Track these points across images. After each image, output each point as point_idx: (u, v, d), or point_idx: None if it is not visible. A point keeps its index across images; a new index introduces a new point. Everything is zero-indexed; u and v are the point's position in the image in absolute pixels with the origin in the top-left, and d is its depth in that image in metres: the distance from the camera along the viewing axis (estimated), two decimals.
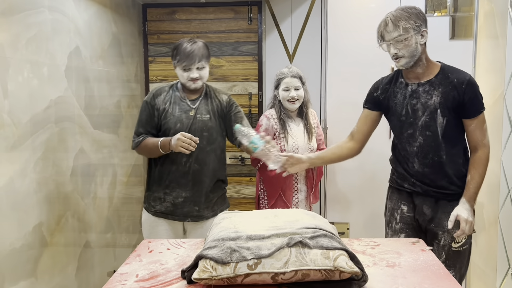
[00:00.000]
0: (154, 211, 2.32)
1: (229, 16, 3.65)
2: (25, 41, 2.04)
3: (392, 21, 1.94)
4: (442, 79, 1.97)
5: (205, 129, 2.27)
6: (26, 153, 2.05)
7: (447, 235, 1.99)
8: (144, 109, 2.29)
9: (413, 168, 2.05)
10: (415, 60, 1.97)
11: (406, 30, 1.91)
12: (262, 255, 1.39)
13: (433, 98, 1.97)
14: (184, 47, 2.19)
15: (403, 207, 2.13)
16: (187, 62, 2.18)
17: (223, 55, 3.67)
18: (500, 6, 2.46)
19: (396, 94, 2.08)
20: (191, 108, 2.27)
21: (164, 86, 2.34)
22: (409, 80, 2.06)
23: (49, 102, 2.24)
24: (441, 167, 2.00)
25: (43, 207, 2.19)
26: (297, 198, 2.65)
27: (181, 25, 3.67)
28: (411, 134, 2.03)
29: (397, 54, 1.96)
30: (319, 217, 1.67)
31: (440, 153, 1.99)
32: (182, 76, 2.23)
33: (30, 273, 2.08)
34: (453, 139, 2.00)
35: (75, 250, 2.53)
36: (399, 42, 1.94)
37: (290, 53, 3.56)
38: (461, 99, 1.92)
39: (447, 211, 1.97)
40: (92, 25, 2.77)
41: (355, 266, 1.42)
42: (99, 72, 2.85)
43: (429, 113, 1.98)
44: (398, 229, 2.16)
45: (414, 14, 1.93)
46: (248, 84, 3.68)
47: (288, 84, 2.57)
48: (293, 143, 2.58)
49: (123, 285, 1.53)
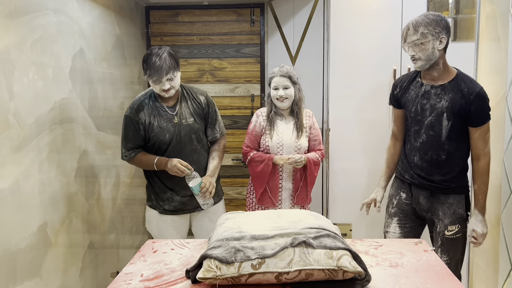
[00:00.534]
0: (162, 209, 2.48)
1: (232, 18, 3.67)
2: (30, 43, 2.06)
3: (413, 25, 2.10)
4: (454, 86, 2.11)
5: (192, 131, 2.43)
6: (31, 154, 2.07)
7: (441, 223, 2.20)
8: (129, 124, 2.38)
9: (414, 161, 2.24)
10: (431, 63, 2.12)
11: (424, 35, 2.06)
12: (266, 255, 1.41)
13: (442, 102, 2.12)
14: (152, 61, 2.26)
15: (402, 194, 2.34)
16: (157, 77, 2.26)
17: (225, 57, 3.69)
18: (502, 8, 2.47)
19: (411, 91, 2.25)
20: (172, 115, 2.39)
21: (143, 99, 2.40)
22: (425, 80, 2.21)
23: (53, 103, 2.26)
24: (438, 165, 2.17)
25: (47, 208, 2.20)
26: (281, 195, 2.69)
27: (184, 27, 3.69)
28: (417, 131, 2.21)
29: (414, 56, 2.12)
30: (322, 218, 1.68)
31: (439, 152, 2.15)
32: (155, 88, 2.33)
33: (35, 273, 2.09)
34: (456, 142, 2.14)
35: (79, 250, 2.54)
36: (416, 45, 2.09)
37: (293, 55, 3.57)
38: (467, 108, 2.06)
39: (441, 202, 2.20)
40: (96, 27, 2.79)
41: (358, 266, 1.43)
42: (103, 74, 2.87)
43: (435, 115, 2.14)
44: (392, 213, 2.38)
45: (435, 21, 2.07)
46: (250, 86, 3.69)
47: (277, 83, 2.62)
48: (277, 140, 2.64)
49: (128, 285, 1.54)
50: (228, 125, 3.71)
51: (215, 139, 2.56)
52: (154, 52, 2.29)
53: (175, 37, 3.70)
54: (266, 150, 2.68)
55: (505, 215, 2.38)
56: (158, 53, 2.27)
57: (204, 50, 3.69)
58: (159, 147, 2.39)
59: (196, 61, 3.70)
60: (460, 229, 2.19)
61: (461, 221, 2.20)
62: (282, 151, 2.65)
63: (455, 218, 2.19)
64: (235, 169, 3.73)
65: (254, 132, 2.71)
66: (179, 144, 2.40)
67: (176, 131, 2.38)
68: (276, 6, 3.59)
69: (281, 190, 2.70)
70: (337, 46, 2.92)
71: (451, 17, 2.81)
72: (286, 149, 2.65)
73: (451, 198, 2.20)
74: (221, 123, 2.59)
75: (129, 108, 2.39)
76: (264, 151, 2.69)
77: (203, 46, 3.69)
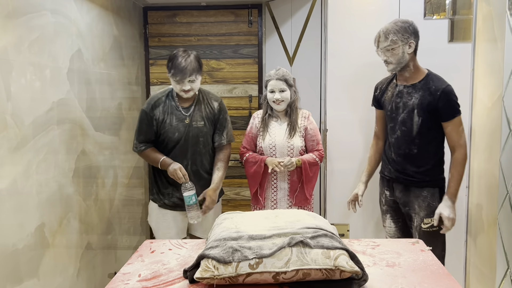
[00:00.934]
0: (162, 203, 2.60)
1: (230, 19, 3.67)
2: (28, 43, 2.06)
3: (383, 33, 2.32)
4: (424, 85, 2.33)
5: (200, 135, 2.55)
6: (29, 154, 2.07)
7: (417, 217, 2.35)
8: (144, 118, 2.51)
9: (392, 156, 2.44)
10: (402, 66, 2.34)
11: (394, 41, 2.29)
12: (264, 255, 1.41)
13: (413, 99, 2.33)
14: (178, 62, 2.39)
15: (386, 192, 2.53)
16: (180, 77, 2.39)
17: (223, 58, 3.69)
18: (498, 9, 2.48)
19: (388, 92, 2.47)
20: (185, 116, 2.52)
21: (161, 96, 2.54)
22: (399, 81, 2.43)
23: (51, 104, 2.26)
24: (411, 158, 2.36)
25: (45, 209, 2.20)
26: (275, 195, 2.71)
27: (181, 28, 3.69)
28: (392, 127, 2.42)
29: (386, 60, 2.35)
30: (319, 218, 1.69)
31: (411, 147, 2.35)
32: (175, 87, 2.46)
33: (32, 274, 2.09)
34: (427, 137, 2.33)
35: (77, 251, 2.54)
36: (388, 50, 2.32)
37: (290, 56, 3.58)
38: (435, 104, 2.27)
39: (417, 195, 2.36)
40: (94, 28, 2.79)
41: (355, 265, 1.43)
42: (100, 74, 2.87)
43: (407, 112, 2.34)
44: (384, 210, 2.58)
45: (403, 28, 2.29)
46: (248, 86, 3.70)
47: (273, 86, 2.66)
48: (270, 141, 2.69)
49: (126, 285, 1.54)
50: None
51: (221, 145, 2.64)
52: (180, 53, 2.42)
53: (173, 38, 3.70)
54: (260, 151, 2.74)
55: (501, 215, 2.39)
56: (184, 55, 2.41)
57: (202, 50, 3.70)
58: (167, 143, 2.52)
59: None
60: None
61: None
62: (275, 152, 2.68)
63: (430, 211, 2.33)
64: (233, 169, 3.73)
65: (250, 134, 2.78)
66: (186, 144, 2.52)
67: (185, 131, 2.50)
68: (274, 7, 3.60)
69: (276, 190, 2.72)
70: (335, 47, 2.93)
71: (448, 18, 2.82)
72: (279, 149, 2.67)
73: (425, 191, 2.35)
74: (230, 131, 2.68)
75: (147, 103, 2.53)
76: (259, 152, 2.74)
77: (201, 47, 3.70)
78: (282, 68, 2.70)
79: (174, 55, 2.44)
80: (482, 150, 2.70)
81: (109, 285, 1.55)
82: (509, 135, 2.35)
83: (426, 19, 2.82)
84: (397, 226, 2.54)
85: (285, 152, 2.67)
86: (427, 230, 2.32)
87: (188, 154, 2.53)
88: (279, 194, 2.71)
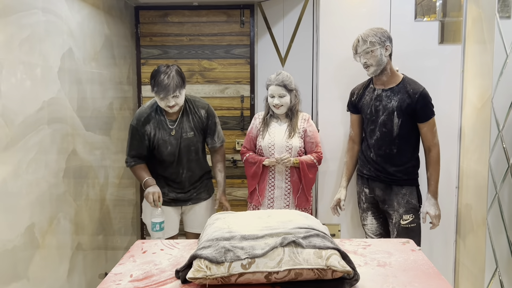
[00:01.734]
0: None
1: (222, 19, 3.67)
2: (19, 42, 2.04)
3: (362, 37, 2.46)
4: (401, 88, 2.47)
5: (191, 144, 2.63)
6: (19, 154, 2.05)
7: (396, 214, 2.48)
8: (135, 134, 2.58)
9: (370, 157, 2.55)
10: (381, 68, 2.47)
11: (372, 43, 2.42)
12: (256, 255, 1.41)
13: (392, 102, 2.46)
14: (161, 79, 2.42)
15: (365, 189, 2.63)
16: (164, 94, 2.42)
17: (215, 58, 3.69)
18: (487, 11, 2.51)
19: (366, 96, 2.59)
20: (173, 129, 2.58)
21: (149, 112, 2.58)
22: (377, 86, 2.55)
23: (42, 103, 2.24)
24: (391, 158, 2.48)
25: (35, 209, 2.18)
26: (273, 193, 2.76)
27: (173, 28, 3.68)
28: (372, 130, 2.53)
29: (366, 63, 2.46)
30: (311, 218, 1.70)
31: (391, 147, 2.47)
32: (160, 103, 2.49)
33: (22, 275, 2.07)
34: (406, 138, 2.47)
35: (67, 252, 2.52)
36: (367, 53, 2.44)
37: (282, 56, 3.59)
38: (413, 106, 2.41)
39: (396, 193, 2.49)
40: (85, 27, 2.78)
41: (347, 265, 1.44)
42: (91, 73, 2.86)
43: (387, 114, 2.47)
44: (365, 208, 2.68)
45: (380, 32, 2.45)
46: (240, 86, 3.70)
47: (273, 91, 2.73)
48: (269, 140, 2.75)
49: (118, 285, 1.54)
50: None
51: (215, 148, 2.78)
52: (162, 70, 2.45)
53: (165, 38, 3.69)
54: (260, 151, 2.79)
55: (490, 216, 2.42)
56: (167, 72, 2.43)
57: (194, 50, 3.69)
58: (161, 157, 2.61)
59: (186, 61, 3.69)
60: (414, 219, 2.48)
61: (415, 211, 2.49)
62: (274, 151, 2.73)
63: (409, 208, 2.47)
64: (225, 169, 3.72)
65: (251, 134, 2.86)
66: (180, 155, 2.62)
67: (177, 144, 2.59)
68: (266, 7, 3.61)
69: (273, 189, 2.77)
70: (327, 48, 2.94)
71: (439, 20, 2.84)
72: (278, 148, 2.73)
73: (404, 189, 2.49)
74: (220, 133, 2.78)
75: (136, 119, 2.57)
76: (259, 152, 2.80)
77: (192, 47, 3.69)
78: (283, 73, 2.76)
79: (156, 72, 2.47)
80: (471, 151, 2.73)
81: (100, 286, 1.55)
82: (498, 136, 2.38)
83: (417, 21, 2.85)
84: (379, 222, 2.65)
85: (283, 151, 2.73)
86: (406, 226, 2.46)
87: (183, 163, 2.64)
88: (276, 193, 2.76)
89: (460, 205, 2.88)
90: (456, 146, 2.88)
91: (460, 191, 2.88)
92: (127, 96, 3.53)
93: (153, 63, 3.69)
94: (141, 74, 3.72)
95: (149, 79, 2.50)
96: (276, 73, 2.76)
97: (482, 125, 2.58)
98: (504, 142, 2.35)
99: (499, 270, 2.40)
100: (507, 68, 2.32)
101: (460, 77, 2.84)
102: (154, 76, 2.46)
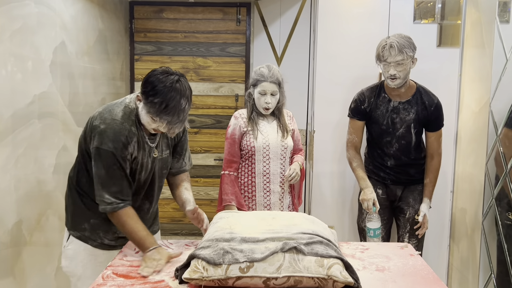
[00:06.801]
0: (98, 243, 1.90)
1: (218, 17, 3.62)
2: (10, 33, 1.98)
3: (397, 46, 2.27)
4: (417, 100, 2.46)
5: (164, 166, 1.97)
6: (7, 149, 1.99)
7: (411, 209, 2.55)
8: (113, 163, 1.74)
9: (388, 164, 2.55)
10: (405, 81, 2.40)
11: (408, 56, 2.30)
12: (255, 259, 1.37)
13: (410, 115, 2.46)
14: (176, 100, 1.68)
15: (378, 190, 2.59)
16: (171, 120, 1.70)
17: (210, 56, 3.64)
18: (487, 15, 2.50)
19: (380, 106, 2.50)
20: (152, 148, 1.87)
21: (129, 127, 1.76)
22: (392, 97, 2.48)
23: (32, 97, 2.18)
24: (411, 164, 2.54)
25: (23, 205, 2.12)
26: (269, 200, 2.51)
27: (168, 24, 3.62)
28: (389, 141, 2.51)
29: (395, 75, 2.33)
30: (318, 222, 1.64)
31: (409, 156, 2.52)
32: (149, 124, 1.76)
33: (8, 273, 2.01)
34: (419, 145, 2.53)
35: (55, 249, 2.45)
36: (400, 65, 2.31)
37: (278, 56, 3.55)
38: (429, 117, 2.45)
39: (411, 190, 2.57)
40: (79, 20, 2.71)
41: (349, 276, 1.39)
42: (84, 68, 2.79)
43: (405, 127, 2.47)
44: None
45: (412, 44, 2.34)
46: (235, 85, 3.65)
47: (265, 88, 2.42)
48: (263, 140, 2.47)
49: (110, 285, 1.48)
50: (211, 124, 3.67)
51: (184, 171, 2.07)
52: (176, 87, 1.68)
53: (159, 34, 3.63)
54: (250, 152, 2.48)
55: (486, 221, 2.41)
56: (182, 91, 1.69)
57: (189, 48, 3.64)
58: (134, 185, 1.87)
59: (180, 58, 3.64)
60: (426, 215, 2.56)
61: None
62: (269, 151, 2.48)
63: (421, 203, 2.55)
64: (217, 169, 3.68)
65: (234, 136, 2.51)
66: (153, 181, 1.94)
67: (152, 167, 1.90)
68: (263, 6, 3.57)
69: (268, 194, 2.51)
70: (324, 48, 2.91)
71: (437, 23, 2.83)
72: (273, 149, 2.49)
73: (420, 186, 2.56)
74: (189, 153, 2.12)
75: (112, 140, 1.72)
76: (249, 153, 2.49)
77: (187, 44, 3.64)
78: (275, 67, 2.49)
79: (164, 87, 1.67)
80: (467, 155, 2.72)
81: (93, 284, 1.49)
82: (495, 141, 2.37)
83: (416, 23, 2.83)
84: (382, 224, 2.60)
85: (278, 152, 2.49)
86: (418, 221, 2.51)
87: (154, 192, 1.96)
88: (273, 198, 2.51)
89: (455, 209, 2.87)
90: (452, 150, 2.87)
91: (455, 195, 2.87)
92: (119, 92, 3.46)
93: (147, 59, 3.63)
94: (134, 70, 3.65)
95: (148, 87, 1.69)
96: (267, 67, 2.45)
97: (479, 129, 2.57)
98: (502, 147, 2.33)
99: (494, 276, 2.38)
100: (506, 73, 2.31)
101: (457, 80, 2.83)
102: (163, 92, 1.66)
